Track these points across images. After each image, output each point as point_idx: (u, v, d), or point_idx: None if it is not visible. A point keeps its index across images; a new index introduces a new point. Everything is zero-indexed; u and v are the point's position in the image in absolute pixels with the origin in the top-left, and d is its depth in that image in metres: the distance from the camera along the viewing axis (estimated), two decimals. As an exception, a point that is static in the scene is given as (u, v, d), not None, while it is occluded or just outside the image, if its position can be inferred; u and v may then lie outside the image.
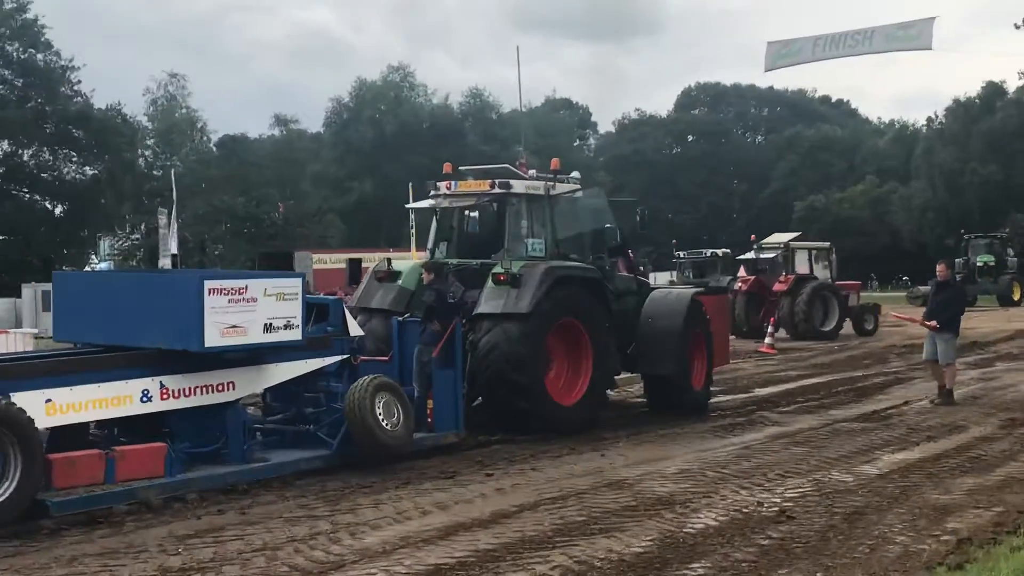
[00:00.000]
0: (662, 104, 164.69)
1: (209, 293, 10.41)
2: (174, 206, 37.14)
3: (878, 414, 15.36)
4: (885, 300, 41.33)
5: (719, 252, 36.59)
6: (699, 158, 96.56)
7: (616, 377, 15.46)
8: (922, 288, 34.99)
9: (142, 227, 62.13)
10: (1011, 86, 75.30)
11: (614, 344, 14.90)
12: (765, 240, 34.36)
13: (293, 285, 11.15)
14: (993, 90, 77.47)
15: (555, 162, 15.26)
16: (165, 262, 33.64)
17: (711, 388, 16.62)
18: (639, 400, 17.00)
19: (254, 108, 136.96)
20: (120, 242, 63.95)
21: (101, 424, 10.61)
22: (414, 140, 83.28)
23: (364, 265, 27.79)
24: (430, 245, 15.59)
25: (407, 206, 18.40)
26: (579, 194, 15.60)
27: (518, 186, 14.68)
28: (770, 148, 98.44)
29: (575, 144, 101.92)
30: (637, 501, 9.86)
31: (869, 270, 73.50)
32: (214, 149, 74.33)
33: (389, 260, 15.49)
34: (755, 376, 20.89)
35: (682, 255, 35.50)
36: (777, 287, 30.78)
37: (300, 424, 11.94)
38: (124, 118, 61.55)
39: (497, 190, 14.60)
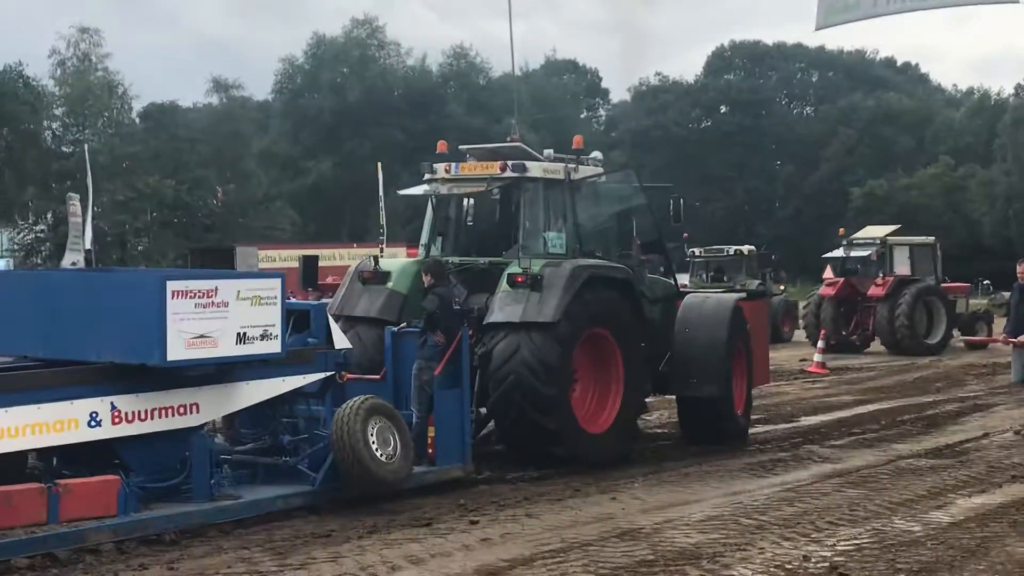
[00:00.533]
0: (689, 68, 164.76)
1: (172, 296, 10.48)
2: (89, 191, 37.15)
3: (952, 449, 15.40)
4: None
5: (744, 249, 36.51)
6: (734, 133, 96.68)
7: (647, 400, 15.59)
8: (1005, 294, 35.10)
9: (48, 216, 62.05)
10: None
11: (647, 360, 14.99)
12: (856, 235, 34.60)
13: (271, 287, 11.27)
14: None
15: (577, 140, 15.35)
16: (75, 259, 33.61)
17: (751, 412, 16.80)
18: (659, 430, 17.01)
19: (186, 70, 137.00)
20: (21, 235, 63.85)
21: (40, 454, 10.66)
22: (384, 110, 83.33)
23: (321, 264, 27.86)
24: (424, 240, 15.57)
25: (401, 192, 18.36)
26: (603, 178, 15.69)
27: (534, 169, 14.70)
28: (821, 122, 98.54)
29: (582, 116, 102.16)
30: (656, 555, 9.86)
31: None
32: (137, 121, 74.27)
33: (376, 258, 15.50)
34: (801, 402, 20.93)
35: (697, 252, 35.22)
36: (872, 291, 31.03)
37: (275, 455, 12.00)
38: (26, 82, 61.54)
39: (510, 173, 14.56)
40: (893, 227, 37.25)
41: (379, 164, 20.88)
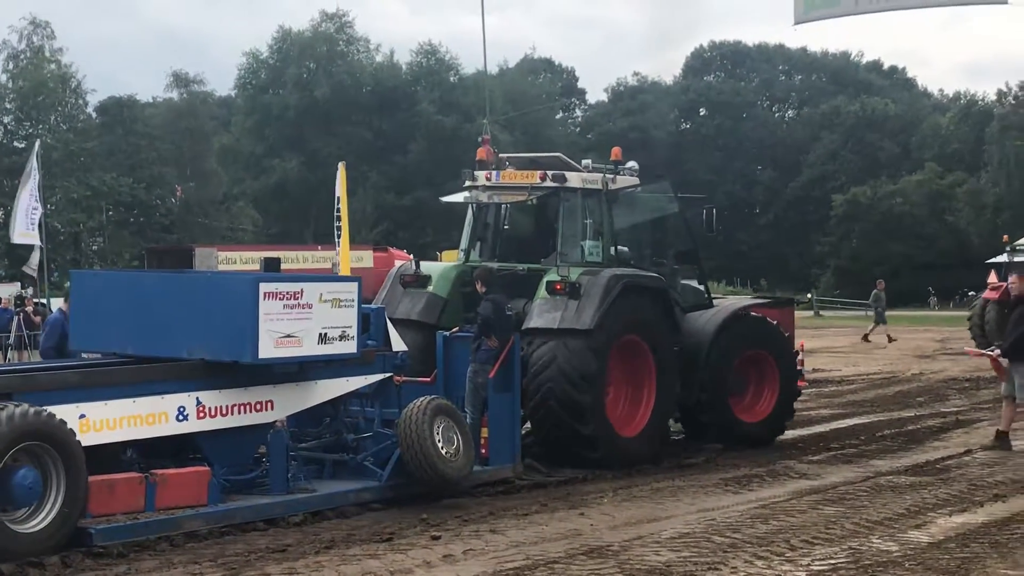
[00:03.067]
0: (668, 68, 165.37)
1: (264, 297, 11.48)
2: (39, 188, 36.91)
3: (932, 466, 15.45)
4: (945, 321, 41.65)
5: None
6: (713, 137, 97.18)
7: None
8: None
9: (-1, 214, 61.73)
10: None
11: (679, 367, 15.88)
12: (1020, 241, 35.31)
13: (349, 290, 12.34)
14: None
15: (616, 151, 16.29)
16: (32, 263, 33.35)
17: (783, 422, 17.49)
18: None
19: (146, 64, 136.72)
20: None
21: (124, 445, 11.42)
22: (352, 107, 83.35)
23: (284, 266, 27.74)
24: (464, 246, 16.51)
25: (443, 199, 19.20)
26: (651, 187, 16.70)
27: (574, 179, 15.61)
28: (803, 126, 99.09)
29: (557, 116, 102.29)
30: (623, 573, 9.83)
31: (926, 283, 74.12)
32: (93, 115, 74.05)
33: (417, 261, 16.36)
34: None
35: None
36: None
37: (338, 452, 12.99)
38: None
39: (550, 183, 15.48)
40: None
41: (341, 164, 20.89)
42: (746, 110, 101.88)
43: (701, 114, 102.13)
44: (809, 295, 67.42)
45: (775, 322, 17.63)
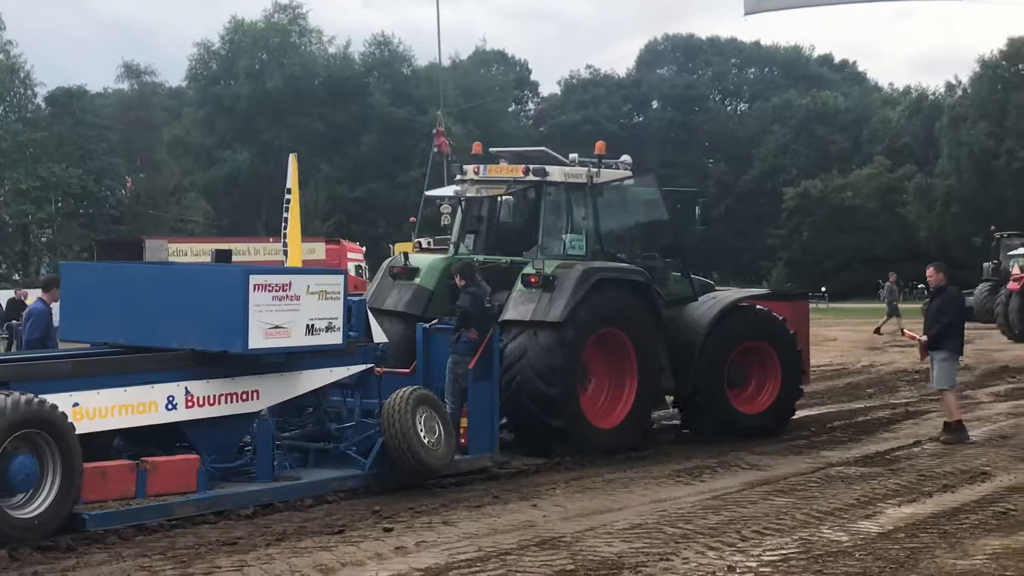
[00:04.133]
0: (621, 60, 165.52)
1: (254, 289, 11.79)
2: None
3: (882, 456, 15.54)
4: (831, 314, 41.95)
5: None
6: (665, 129, 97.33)
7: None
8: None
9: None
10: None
11: (665, 359, 16.11)
12: None
13: (336, 282, 12.68)
14: (1020, 48, 78.69)
15: (600, 145, 16.42)
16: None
17: (787, 412, 17.64)
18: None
19: (96, 54, 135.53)
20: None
21: (114, 433, 11.74)
22: (304, 99, 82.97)
23: (235, 258, 27.65)
24: (454, 239, 16.89)
25: (427, 193, 19.66)
26: (629, 182, 16.77)
27: (555, 173, 15.84)
28: (755, 119, 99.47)
29: (510, 108, 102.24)
30: (576, 564, 9.84)
31: (876, 275, 74.52)
32: (42, 106, 73.27)
33: (406, 254, 16.62)
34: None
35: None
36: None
37: (321, 441, 13.28)
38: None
39: (531, 177, 15.76)
40: None
41: (292, 155, 20.77)
42: (698, 103, 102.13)
43: (654, 107, 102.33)
44: (824, 288, 67.09)
45: (772, 312, 17.69)
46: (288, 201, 20.53)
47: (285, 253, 19.35)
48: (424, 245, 28.73)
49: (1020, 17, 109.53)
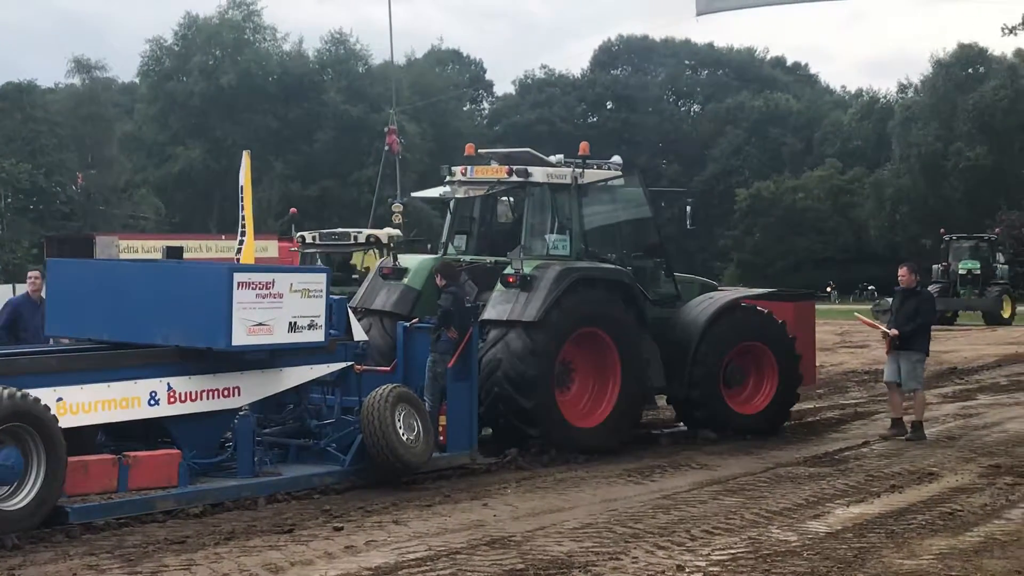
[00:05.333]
0: (575, 61, 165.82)
1: (238, 287, 11.95)
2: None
3: (831, 457, 15.61)
4: (844, 315, 42.19)
5: (375, 234, 29.50)
6: (619, 130, 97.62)
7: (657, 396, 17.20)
8: (890, 300, 35.98)
9: None
10: (1000, 47, 77.67)
11: (653, 358, 16.24)
12: None
13: (318, 281, 12.84)
14: (971, 53, 79.47)
15: (584, 146, 16.52)
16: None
17: (782, 413, 17.71)
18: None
19: (46, 49, 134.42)
20: None
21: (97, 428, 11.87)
22: (257, 96, 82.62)
23: (186, 255, 27.45)
24: (444, 239, 17.07)
25: (414, 195, 19.81)
26: (620, 181, 16.90)
27: (538, 173, 15.99)
28: (708, 120, 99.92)
29: (465, 108, 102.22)
30: (525, 563, 9.83)
31: (827, 276, 75.18)
32: (-8, 100, 72.63)
33: (395, 255, 16.92)
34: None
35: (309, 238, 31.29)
36: None
37: (301, 437, 13.45)
38: None
39: (514, 178, 15.96)
40: None
41: (245, 152, 20.64)
42: (652, 104, 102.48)
43: (608, 107, 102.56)
44: (828, 288, 67.16)
45: (770, 313, 17.76)
46: (243, 199, 20.44)
47: (239, 251, 19.27)
48: (308, 240, 27.91)
49: (972, 20, 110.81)
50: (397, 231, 30.79)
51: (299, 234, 28.39)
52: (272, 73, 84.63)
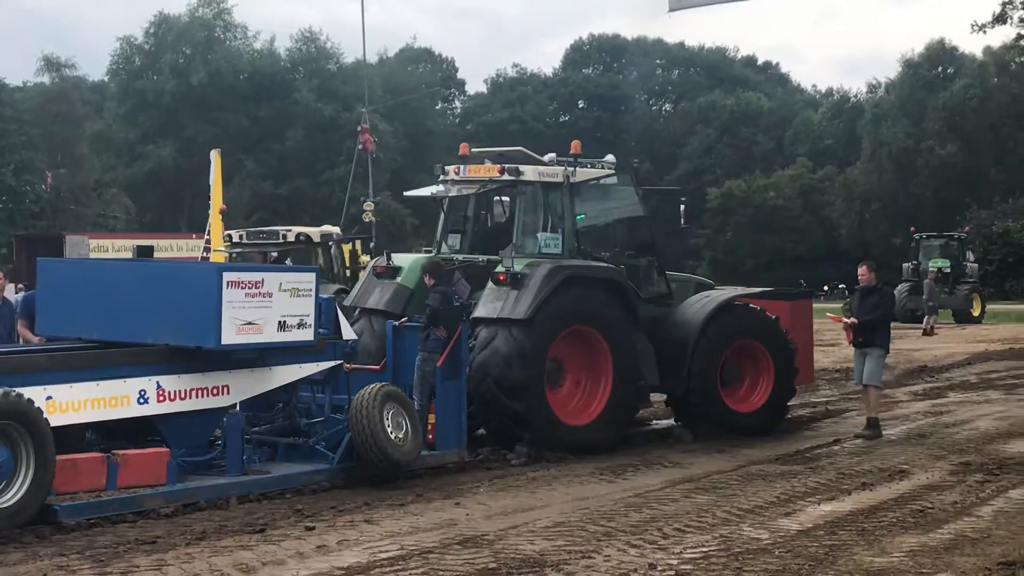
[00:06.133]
0: (547, 60, 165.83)
1: (227, 286, 12.06)
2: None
3: (802, 455, 15.70)
4: (818, 314, 42.26)
5: (306, 232, 28.46)
6: (591, 129, 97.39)
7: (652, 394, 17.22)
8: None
9: None
10: (970, 46, 78.15)
11: (646, 356, 16.33)
12: None
13: (308, 280, 12.92)
14: (939, 51, 79.83)
15: (576, 145, 16.61)
16: None
17: (779, 411, 17.72)
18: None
19: (15, 47, 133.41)
20: None
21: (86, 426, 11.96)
22: (229, 95, 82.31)
23: (157, 255, 27.31)
24: (437, 238, 17.23)
25: (406, 194, 19.76)
26: (612, 180, 17.04)
27: (530, 172, 16.11)
28: (680, 119, 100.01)
29: (437, 107, 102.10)
30: (498, 562, 9.85)
31: (798, 275, 75.34)
32: (-40, 99, 72.19)
33: (389, 253, 16.86)
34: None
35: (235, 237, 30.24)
36: None
37: (290, 436, 13.51)
38: None
39: (506, 176, 16.05)
40: None
41: (214, 152, 20.57)
42: (624, 103, 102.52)
43: (580, 106, 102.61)
44: (826, 287, 67.26)
45: (764, 311, 17.83)
46: (211, 198, 20.39)
47: (207, 250, 19.26)
48: (236, 239, 26.62)
49: (943, 18, 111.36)
50: (336, 229, 29.61)
51: (226, 232, 27.23)
52: (243, 72, 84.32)
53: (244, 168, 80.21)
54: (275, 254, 26.13)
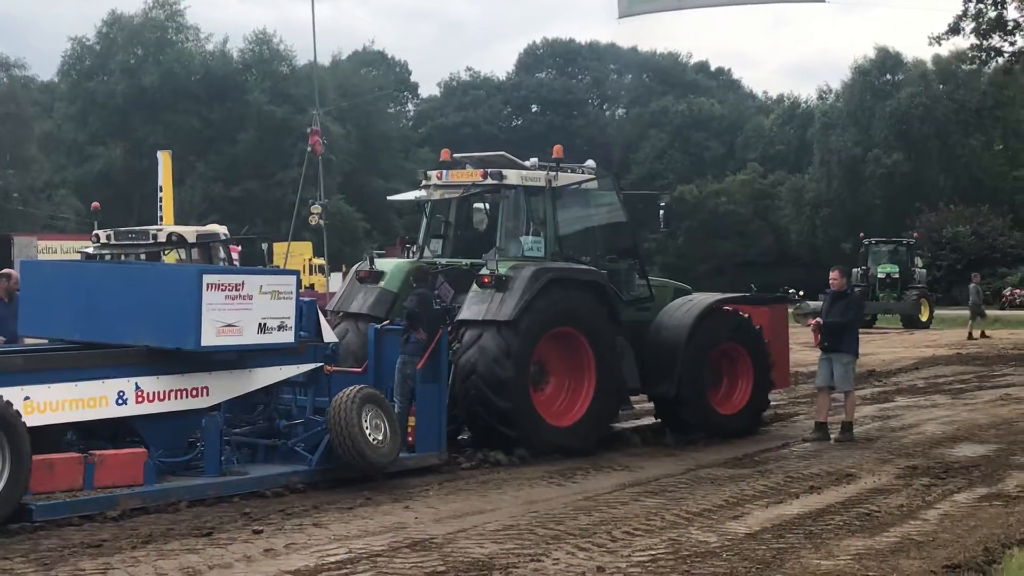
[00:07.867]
0: (500, 64, 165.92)
1: (207, 288, 12.11)
2: None
3: (750, 458, 15.74)
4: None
5: (167, 230, 27.11)
6: (544, 133, 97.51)
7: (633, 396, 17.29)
8: (812, 303, 36.27)
9: None
10: (918, 53, 78.79)
11: (628, 359, 16.43)
12: None
13: (288, 282, 13.00)
14: (888, 59, 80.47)
15: (558, 149, 16.73)
16: None
17: (759, 413, 18.01)
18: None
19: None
20: None
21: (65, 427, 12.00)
22: (180, 96, 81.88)
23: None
24: (420, 242, 17.28)
25: (389, 198, 19.92)
26: (593, 185, 17.17)
27: (512, 176, 16.25)
28: (632, 124, 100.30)
29: (390, 109, 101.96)
30: (447, 566, 9.83)
31: (747, 280, 75.66)
32: (-92, 98, 71.46)
33: (372, 257, 16.92)
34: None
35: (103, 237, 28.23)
36: None
37: (270, 437, 13.52)
38: None
39: (489, 181, 16.19)
40: None
41: (162, 153, 20.37)
42: (577, 108, 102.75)
43: (533, 110, 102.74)
44: (792, 290, 67.43)
45: (743, 314, 17.94)
46: (161, 200, 20.14)
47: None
48: (104, 239, 24.45)
49: (894, 26, 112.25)
50: (224, 228, 27.76)
51: (94, 233, 25.27)
52: (195, 73, 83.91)
53: (196, 170, 79.84)
54: (144, 255, 24.39)
